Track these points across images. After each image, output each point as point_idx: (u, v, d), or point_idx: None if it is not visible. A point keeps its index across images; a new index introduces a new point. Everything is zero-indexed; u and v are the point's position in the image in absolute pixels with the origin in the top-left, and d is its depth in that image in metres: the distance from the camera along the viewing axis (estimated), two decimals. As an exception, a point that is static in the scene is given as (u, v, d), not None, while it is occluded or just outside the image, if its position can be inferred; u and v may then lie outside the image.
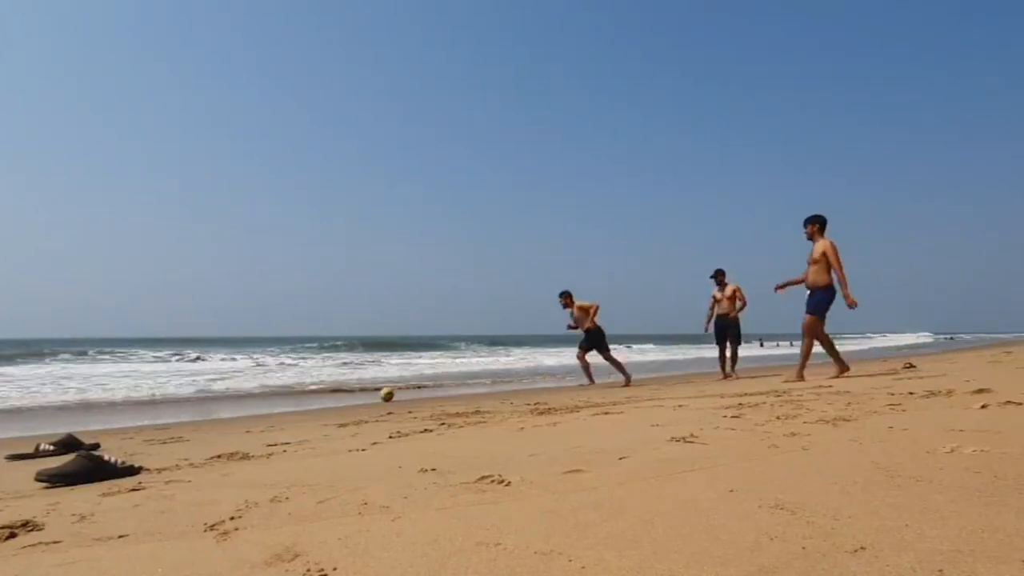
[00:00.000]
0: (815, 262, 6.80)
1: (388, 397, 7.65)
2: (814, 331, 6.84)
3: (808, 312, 6.83)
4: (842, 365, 6.94)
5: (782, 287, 7.18)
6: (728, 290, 9.16)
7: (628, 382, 8.86)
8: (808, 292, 6.88)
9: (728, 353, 9.17)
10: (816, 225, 6.99)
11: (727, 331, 9.15)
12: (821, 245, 6.82)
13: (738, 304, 9.14)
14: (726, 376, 8.96)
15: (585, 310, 9.56)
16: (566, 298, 9.79)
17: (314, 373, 14.17)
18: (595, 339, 9.51)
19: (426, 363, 18.34)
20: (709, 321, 9.38)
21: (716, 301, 9.29)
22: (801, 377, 6.75)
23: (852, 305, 6.67)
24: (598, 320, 9.54)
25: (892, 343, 40.25)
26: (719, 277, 9.28)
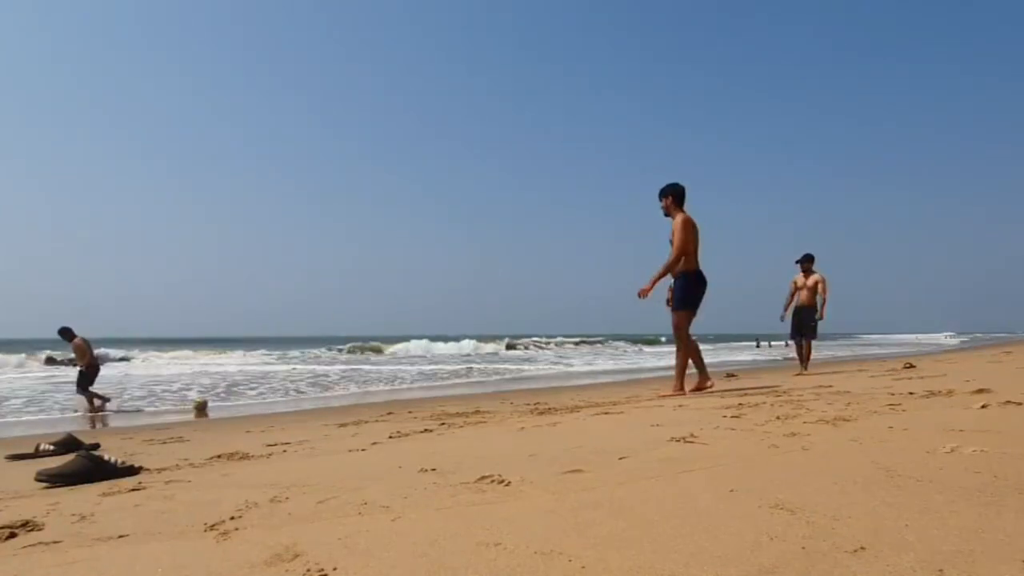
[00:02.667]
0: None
1: (200, 408, 7.17)
2: (687, 331, 5.54)
3: (673, 308, 5.54)
4: (680, 381, 5.62)
5: (647, 291, 5.49)
6: (811, 279, 8.50)
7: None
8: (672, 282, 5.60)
9: (806, 348, 8.68)
10: (670, 197, 5.56)
11: (805, 323, 8.56)
12: (678, 221, 5.43)
13: (818, 299, 8.48)
14: (803, 371, 8.41)
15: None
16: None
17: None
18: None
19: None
20: (786, 309, 8.69)
21: (797, 289, 8.60)
22: (709, 381, 5.65)
23: (643, 295, 5.39)
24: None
25: (896, 342, 40.22)
26: (806, 264, 8.55)
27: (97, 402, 8.40)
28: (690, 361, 5.63)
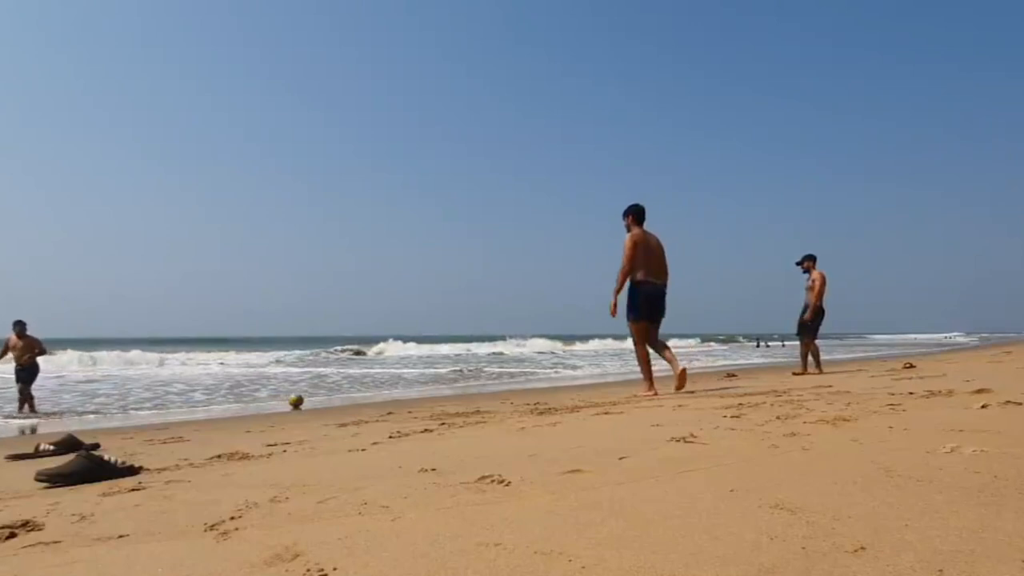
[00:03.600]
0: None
1: (297, 404, 7.26)
2: (638, 338, 5.67)
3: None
4: (649, 382, 5.78)
5: (613, 306, 5.64)
6: (809, 279, 8.43)
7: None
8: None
9: (802, 348, 8.50)
10: (630, 216, 5.61)
11: (801, 323, 8.45)
12: (626, 239, 5.48)
13: (810, 296, 8.34)
14: (803, 372, 8.25)
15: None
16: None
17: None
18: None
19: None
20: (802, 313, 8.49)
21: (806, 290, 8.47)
22: (651, 389, 5.71)
23: (613, 313, 5.54)
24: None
25: (898, 341, 40.22)
26: (804, 264, 8.49)
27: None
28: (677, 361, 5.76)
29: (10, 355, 8.84)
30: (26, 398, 8.41)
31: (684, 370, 5.57)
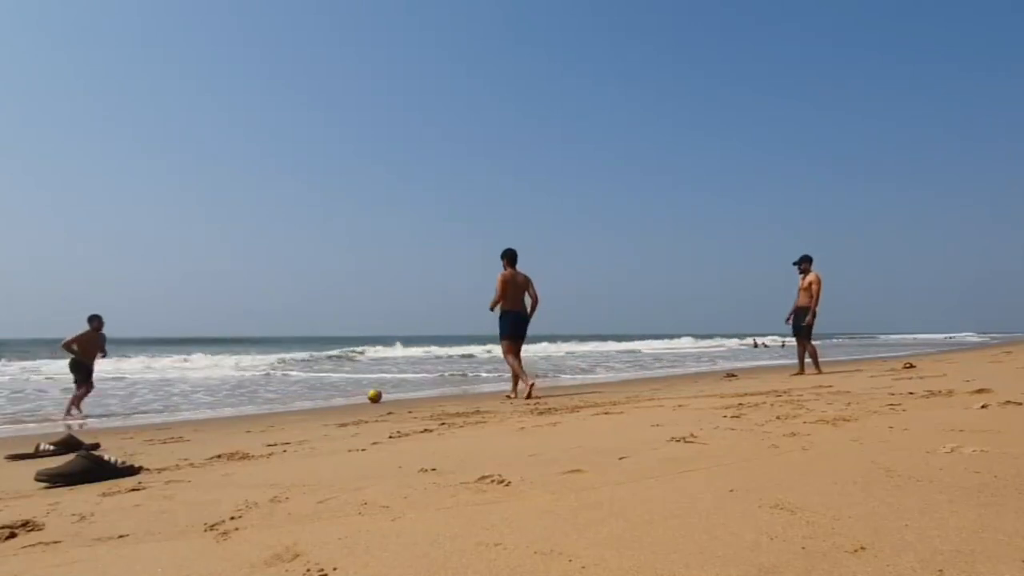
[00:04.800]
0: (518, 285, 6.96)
1: (375, 399, 7.42)
2: (507, 351, 6.96)
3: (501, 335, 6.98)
4: (525, 382, 6.74)
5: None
6: (805, 280, 8.42)
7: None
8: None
9: (799, 348, 8.52)
10: (504, 260, 7.01)
11: (797, 324, 8.46)
12: (498, 277, 6.93)
13: (803, 297, 8.37)
14: (800, 372, 8.33)
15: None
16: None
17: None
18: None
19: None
20: (791, 313, 8.59)
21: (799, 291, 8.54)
22: (513, 393, 6.89)
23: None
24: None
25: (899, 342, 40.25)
26: (803, 265, 8.50)
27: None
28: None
29: (74, 348, 8.19)
30: (80, 397, 7.85)
31: (533, 384, 6.78)
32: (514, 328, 6.88)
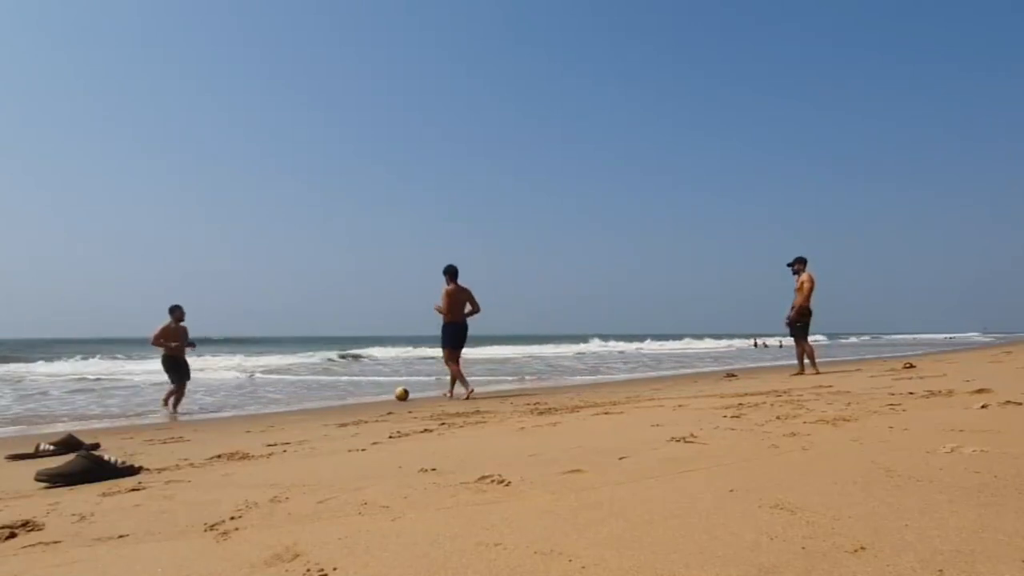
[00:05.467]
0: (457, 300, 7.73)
1: (403, 396, 7.57)
2: (447, 358, 7.75)
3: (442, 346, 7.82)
4: (466, 388, 7.45)
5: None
6: (798, 281, 8.45)
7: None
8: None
9: (797, 349, 8.53)
10: (447, 275, 7.72)
11: (791, 324, 8.46)
12: (442, 292, 7.73)
13: (799, 298, 8.38)
14: (800, 372, 8.32)
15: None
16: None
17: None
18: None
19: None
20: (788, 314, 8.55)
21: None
22: (450, 394, 7.67)
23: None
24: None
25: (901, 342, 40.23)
26: (797, 266, 8.51)
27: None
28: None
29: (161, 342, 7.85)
30: (179, 393, 7.66)
31: (472, 390, 7.50)
32: (454, 338, 7.74)
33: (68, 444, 3.83)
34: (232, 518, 1.86)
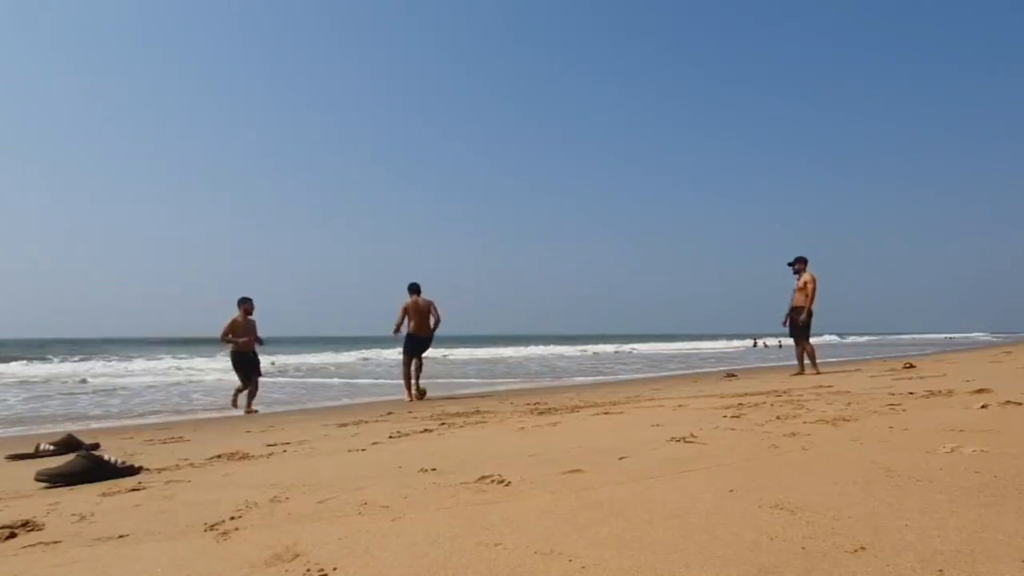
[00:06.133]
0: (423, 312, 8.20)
1: (421, 395, 7.91)
2: (405, 363, 8.17)
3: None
4: (409, 394, 7.95)
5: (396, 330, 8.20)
6: (800, 280, 8.34)
7: None
8: None
9: (797, 349, 8.46)
10: (409, 291, 8.18)
11: (792, 324, 8.38)
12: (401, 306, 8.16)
13: (798, 297, 8.31)
14: (800, 372, 8.28)
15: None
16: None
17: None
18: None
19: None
20: (787, 315, 8.51)
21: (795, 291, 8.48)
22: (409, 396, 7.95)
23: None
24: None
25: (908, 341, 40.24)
26: (798, 265, 8.43)
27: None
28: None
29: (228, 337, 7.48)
30: (252, 390, 7.35)
31: (424, 391, 8.13)
32: (415, 350, 8.16)
33: (68, 444, 3.84)
34: (232, 518, 1.86)
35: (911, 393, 4.27)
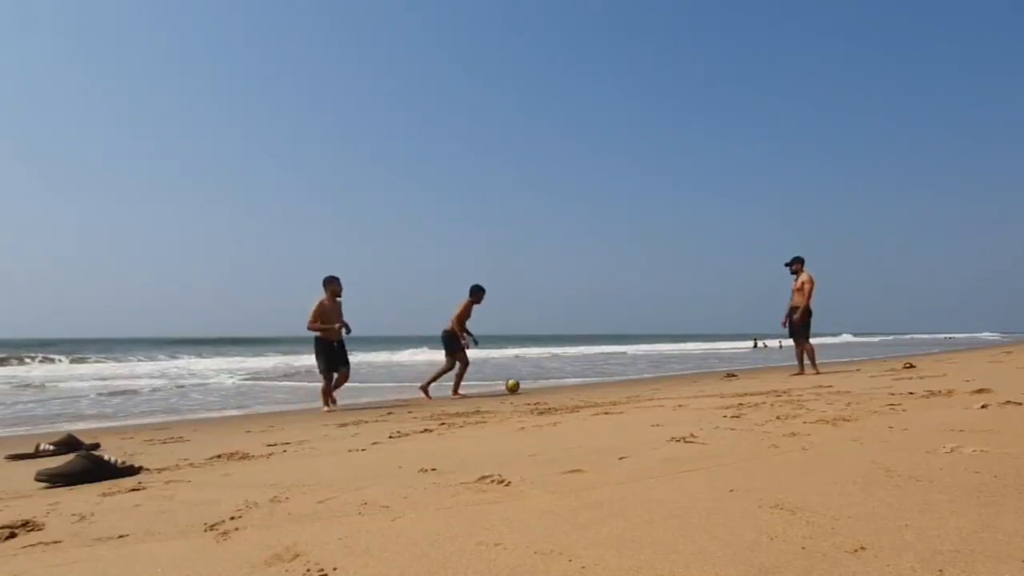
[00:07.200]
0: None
1: (514, 389, 7.98)
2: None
3: None
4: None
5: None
6: (798, 281, 8.41)
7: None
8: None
9: (797, 349, 8.53)
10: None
11: (791, 324, 8.44)
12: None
13: (797, 298, 8.37)
14: (800, 373, 8.34)
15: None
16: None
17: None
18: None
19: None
20: (787, 315, 8.55)
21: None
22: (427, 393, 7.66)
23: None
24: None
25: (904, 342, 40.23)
26: (795, 266, 8.47)
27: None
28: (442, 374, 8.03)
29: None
30: (341, 379, 6.74)
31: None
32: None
33: (68, 444, 3.83)
34: (232, 518, 1.86)
35: (911, 393, 4.27)
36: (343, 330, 6.77)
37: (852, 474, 1.93)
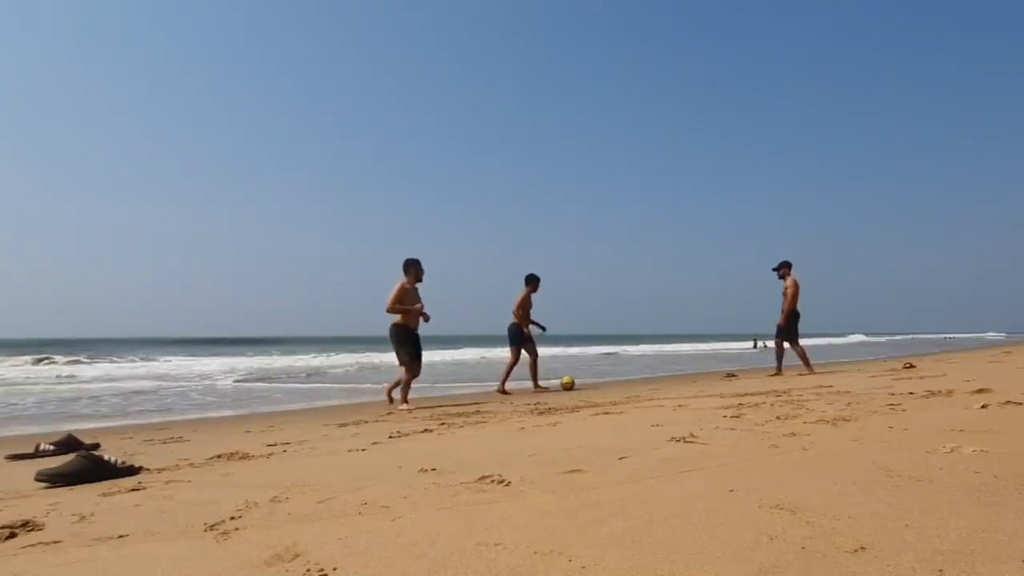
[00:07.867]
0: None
1: (568, 386, 8.13)
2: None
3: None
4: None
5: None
6: (783, 285, 8.67)
7: None
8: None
9: (778, 350, 8.72)
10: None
11: (777, 327, 8.69)
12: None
13: (784, 301, 8.63)
14: (777, 373, 8.53)
15: None
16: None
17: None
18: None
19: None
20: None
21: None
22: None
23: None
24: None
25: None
26: (780, 271, 8.74)
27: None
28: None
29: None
30: (411, 374, 6.11)
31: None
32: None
33: (68, 444, 3.83)
34: (232, 518, 1.86)
35: (911, 393, 4.27)
36: (422, 318, 6.19)
37: (852, 474, 1.93)
